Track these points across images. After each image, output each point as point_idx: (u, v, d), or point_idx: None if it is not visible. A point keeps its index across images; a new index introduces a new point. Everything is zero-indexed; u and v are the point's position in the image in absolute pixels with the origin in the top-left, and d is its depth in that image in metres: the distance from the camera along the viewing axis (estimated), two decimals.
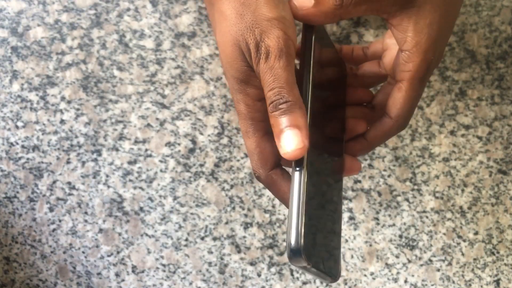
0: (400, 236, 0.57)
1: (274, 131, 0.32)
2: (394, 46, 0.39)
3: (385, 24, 0.59)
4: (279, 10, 0.32)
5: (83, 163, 0.58)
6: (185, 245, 0.57)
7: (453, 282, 0.56)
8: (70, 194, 0.57)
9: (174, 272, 0.56)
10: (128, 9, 0.60)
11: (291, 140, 0.31)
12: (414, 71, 0.35)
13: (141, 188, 0.57)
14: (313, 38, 0.35)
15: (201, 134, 0.58)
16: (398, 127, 0.38)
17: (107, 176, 0.57)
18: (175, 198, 0.57)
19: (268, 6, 0.32)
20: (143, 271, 0.57)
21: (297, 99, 0.31)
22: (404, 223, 0.57)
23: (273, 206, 0.57)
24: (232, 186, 0.57)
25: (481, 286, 0.56)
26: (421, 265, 0.57)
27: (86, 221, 0.57)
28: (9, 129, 0.58)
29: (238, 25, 0.32)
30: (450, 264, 0.56)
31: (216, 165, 0.58)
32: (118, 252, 0.57)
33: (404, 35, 0.34)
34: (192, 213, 0.57)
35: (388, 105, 0.37)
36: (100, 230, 0.57)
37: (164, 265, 0.57)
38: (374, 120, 0.39)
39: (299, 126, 0.31)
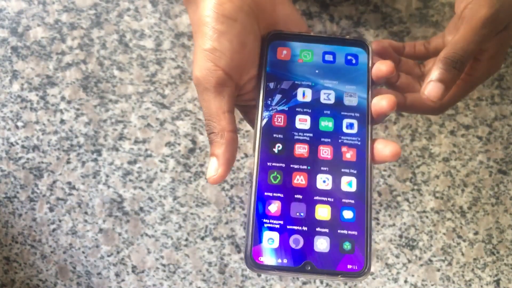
0: (400, 236, 0.57)
1: None
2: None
3: (385, 24, 0.59)
4: (212, 40, 0.33)
5: (83, 163, 0.58)
6: (185, 245, 0.57)
7: (453, 282, 0.56)
8: (70, 194, 0.57)
9: (174, 272, 0.57)
10: (128, 9, 0.60)
11: (210, 168, 0.36)
12: (483, 17, 0.35)
13: (141, 188, 0.57)
14: (266, 55, 0.36)
15: (201, 134, 0.58)
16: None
17: (107, 176, 0.57)
18: (175, 198, 0.57)
19: (203, 38, 0.33)
20: (143, 271, 0.57)
21: (220, 129, 0.34)
22: (404, 223, 0.57)
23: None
24: (232, 186, 0.57)
25: (481, 286, 0.56)
26: (421, 265, 0.56)
27: (86, 221, 0.57)
28: (9, 129, 0.58)
29: (194, 48, 0.35)
30: (450, 264, 0.56)
31: None
32: (118, 252, 0.57)
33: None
34: (192, 213, 0.57)
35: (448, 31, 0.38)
36: (100, 230, 0.57)
37: (164, 265, 0.57)
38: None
39: (217, 155, 0.35)
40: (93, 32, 0.60)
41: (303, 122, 0.35)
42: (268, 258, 0.32)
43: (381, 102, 0.34)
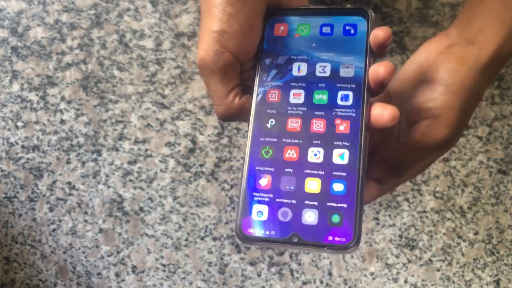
0: (400, 236, 0.57)
1: None
2: None
3: (385, 24, 0.59)
4: (222, 22, 0.33)
5: (83, 163, 0.58)
6: (185, 245, 0.57)
7: (453, 282, 0.56)
8: (70, 194, 0.57)
9: (174, 272, 0.57)
10: (128, 9, 0.60)
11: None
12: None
13: (141, 188, 0.57)
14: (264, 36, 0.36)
15: (201, 134, 0.58)
16: None
17: (107, 176, 0.57)
18: (175, 198, 0.57)
19: (212, 19, 0.33)
20: (143, 271, 0.57)
21: (227, 109, 0.35)
22: (404, 223, 0.57)
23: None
24: (232, 186, 0.57)
25: (481, 286, 0.56)
26: (421, 265, 0.57)
27: (86, 221, 0.57)
28: (9, 129, 0.58)
29: (200, 28, 0.34)
30: (450, 264, 0.56)
31: (216, 165, 0.58)
32: (118, 252, 0.57)
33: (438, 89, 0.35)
34: (192, 213, 0.57)
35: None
36: (100, 230, 0.57)
37: (164, 265, 0.57)
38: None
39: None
40: (93, 32, 0.60)
41: (297, 96, 0.35)
42: (257, 230, 0.32)
43: (378, 68, 0.33)
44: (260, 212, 0.33)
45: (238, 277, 0.56)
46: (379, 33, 0.34)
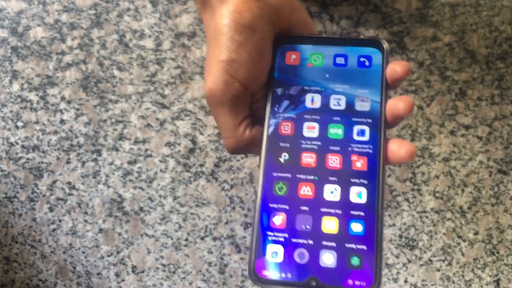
0: (400, 236, 0.57)
1: None
2: None
3: (385, 24, 0.59)
4: (230, 51, 0.31)
5: (83, 163, 0.58)
6: (185, 245, 0.57)
7: (453, 282, 0.56)
8: (70, 194, 0.57)
9: (174, 272, 0.57)
10: (128, 9, 0.60)
11: None
12: None
13: (141, 188, 0.57)
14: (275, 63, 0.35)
15: (201, 134, 0.58)
16: None
17: (107, 176, 0.57)
18: (175, 198, 0.57)
19: (219, 48, 0.31)
20: (143, 271, 0.57)
21: (237, 142, 0.33)
22: (404, 223, 0.57)
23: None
24: (232, 186, 0.57)
25: (481, 286, 0.56)
26: (421, 265, 0.56)
27: (86, 221, 0.57)
28: (9, 129, 0.58)
29: (206, 57, 0.33)
30: (450, 264, 0.56)
31: (216, 165, 0.58)
32: (118, 252, 0.57)
33: None
34: (192, 213, 0.57)
35: None
36: (100, 230, 0.57)
37: (164, 265, 0.57)
38: None
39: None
40: (93, 32, 0.60)
41: (311, 129, 0.33)
42: (272, 272, 0.30)
43: (398, 104, 0.32)
44: (275, 253, 0.31)
45: (238, 277, 0.56)
46: (398, 69, 0.32)
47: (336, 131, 0.33)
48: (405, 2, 0.60)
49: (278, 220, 0.32)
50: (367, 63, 0.34)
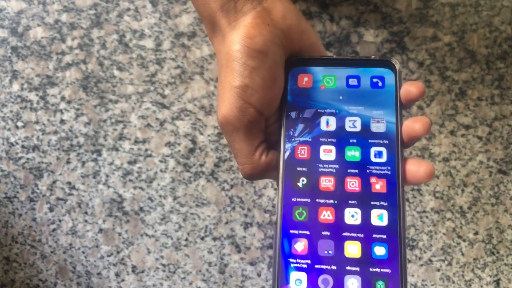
0: None
1: None
2: None
3: (385, 24, 0.59)
4: (244, 77, 0.31)
5: (83, 163, 0.58)
6: (185, 245, 0.57)
7: (453, 282, 0.56)
8: (70, 194, 0.57)
9: (174, 272, 0.57)
10: (128, 9, 0.60)
11: None
12: None
13: (141, 188, 0.57)
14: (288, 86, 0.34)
15: (201, 134, 0.58)
16: None
17: (107, 176, 0.57)
18: (175, 198, 0.57)
19: (232, 74, 0.31)
20: (143, 271, 0.57)
21: (253, 168, 0.33)
22: None
23: (273, 206, 0.57)
24: (232, 186, 0.57)
25: (481, 286, 0.56)
26: (421, 265, 0.56)
27: (86, 221, 0.57)
28: (9, 129, 0.58)
29: (218, 84, 0.33)
30: (450, 264, 0.56)
31: (216, 165, 0.58)
32: (118, 252, 0.57)
33: None
34: (192, 213, 0.57)
35: None
36: (100, 230, 0.57)
37: (164, 265, 0.57)
38: None
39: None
40: (93, 32, 0.60)
41: (327, 153, 0.33)
42: None
43: (415, 125, 0.32)
44: (298, 280, 0.30)
45: (238, 277, 0.56)
46: (413, 90, 0.32)
47: (353, 153, 0.33)
48: (405, 2, 0.60)
49: (300, 246, 0.31)
50: (380, 84, 0.34)
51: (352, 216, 0.31)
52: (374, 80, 0.34)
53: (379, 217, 0.31)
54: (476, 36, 0.59)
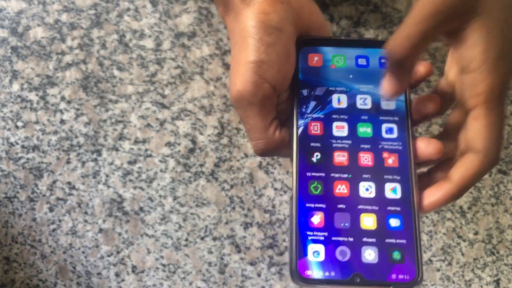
0: None
1: None
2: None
3: (385, 24, 0.59)
4: (260, 53, 0.31)
5: (83, 163, 0.58)
6: (185, 245, 0.57)
7: (453, 282, 0.56)
8: (70, 194, 0.57)
9: (174, 272, 0.57)
10: (128, 9, 0.60)
11: None
12: (489, 92, 0.30)
13: (141, 188, 0.57)
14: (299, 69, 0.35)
15: (201, 134, 0.58)
16: (490, 163, 0.31)
17: (107, 176, 0.57)
18: (175, 198, 0.57)
19: (247, 50, 0.31)
20: (143, 271, 0.57)
21: (268, 143, 0.33)
22: None
23: (273, 206, 0.57)
24: (232, 186, 0.57)
25: (481, 286, 0.56)
26: None
27: (86, 221, 0.57)
28: (9, 129, 0.58)
29: (232, 60, 0.33)
30: (450, 264, 0.56)
31: (216, 165, 0.58)
32: (118, 252, 0.57)
33: (470, 52, 0.30)
34: (192, 213, 0.57)
35: (468, 138, 0.31)
36: (100, 230, 0.57)
37: (164, 265, 0.57)
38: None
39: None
40: (93, 32, 0.60)
41: (340, 129, 0.34)
42: (315, 272, 0.31)
43: (425, 102, 0.32)
44: (316, 252, 0.31)
45: (238, 277, 0.56)
46: (421, 69, 0.33)
47: (365, 129, 0.34)
48: (405, 2, 0.60)
49: (317, 219, 0.32)
50: None
51: (367, 189, 0.32)
52: (383, 60, 0.35)
53: (393, 190, 0.32)
54: None
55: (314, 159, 0.33)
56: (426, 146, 0.32)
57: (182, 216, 0.57)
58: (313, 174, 0.33)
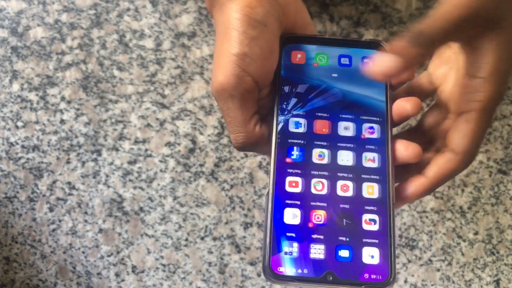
0: (400, 236, 0.57)
1: None
2: (449, 77, 0.36)
3: (385, 24, 0.59)
4: (243, 45, 0.31)
5: (83, 163, 0.58)
6: (185, 245, 0.57)
7: (453, 282, 0.56)
8: (70, 194, 0.57)
9: (174, 272, 0.57)
10: (128, 9, 0.60)
11: None
12: (487, 101, 0.31)
13: (141, 188, 0.57)
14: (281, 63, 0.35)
15: (201, 134, 0.58)
16: (465, 164, 0.33)
17: (107, 176, 0.57)
18: (175, 198, 0.57)
19: (230, 42, 0.31)
20: (143, 271, 0.57)
21: (247, 137, 0.33)
22: (404, 223, 0.57)
23: None
24: (232, 186, 0.57)
25: (481, 286, 0.56)
26: (421, 265, 0.57)
27: (86, 221, 0.57)
28: (9, 129, 0.58)
29: (215, 51, 0.33)
30: (450, 264, 0.56)
31: (216, 165, 0.58)
32: (118, 252, 0.57)
33: (481, 60, 0.30)
34: (192, 213, 0.57)
35: (450, 138, 0.32)
36: (100, 230, 0.57)
37: (164, 265, 0.57)
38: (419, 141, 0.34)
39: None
40: (93, 32, 0.60)
41: (320, 127, 0.34)
42: (288, 268, 0.30)
43: (406, 105, 0.33)
44: (290, 249, 0.31)
45: (238, 277, 0.56)
46: (404, 73, 0.33)
47: (345, 128, 0.34)
48: (405, 2, 0.60)
49: (293, 216, 0.32)
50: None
51: (344, 188, 0.33)
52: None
53: (370, 190, 0.32)
54: None
55: (293, 156, 0.33)
56: (405, 149, 0.33)
57: (182, 216, 0.57)
58: (291, 170, 0.33)
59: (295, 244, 0.31)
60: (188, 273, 0.56)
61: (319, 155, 0.33)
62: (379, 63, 0.31)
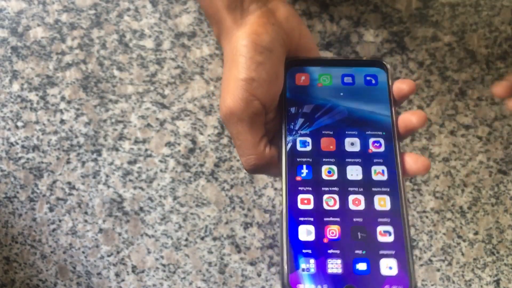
0: None
1: None
2: None
3: (385, 24, 0.59)
4: (250, 71, 0.32)
5: (83, 163, 0.58)
6: (185, 245, 0.57)
7: (453, 282, 0.56)
8: (70, 194, 0.57)
9: (174, 272, 0.57)
10: (128, 9, 0.60)
11: None
12: None
13: (141, 188, 0.57)
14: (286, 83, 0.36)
15: (201, 134, 0.58)
16: None
17: (107, 176, 0.57)
18: (175, 198, 0.57)
19: (238, 68, 0.32)
20: (143, 271, 0.57)
21: (258, 159, 0.34)
22: None
23: (273, 206, 0.57)
24: (232, 186, 0.57)
25: (481, 286, 0.56)
26: (421, 265, 0.57)
27: (86, 221, 0.57)
28: (9, 129, 0.58)
29: (223, 77, 0.34)
30: (450, 264, 0.56)
31: (216, 165, 0.58)
32: (118, 252, 0.57)
33: None
34: (192, 213, 0.57)
35: None
36: (100, 230, 0.57)
37: (164, 265, 0.57)
38: None
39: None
40: (93, 32, 0.60)
41: (328, 144, 0.34)
42: (307, 285, 0.31)
43: (411, 118, 0.34)
44: (308, 265, 0.31)
45: (238, 277, 0.56)
46: (404, 87, 0.34)
47: (352, 144, 0.34)
48: (405, 2, 0.60)
49: (307, 232, 0.32)
50: (373, 81, 0.36)
51: (356, 202, 0.33)
52: (368, 78, 0.36)
53: (382, 202, 0.33)
54: (476, 36, 0.59)
55: (302, 174, 0.34)
56: (414, 162, 0.33)
57: (182, 216, 0.57)
58: (302, 188, 0.33)
59: (312, 260, 0.31)
60: (188, 273, 0.57)
61: (328, 171, 0.34)
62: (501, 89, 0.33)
